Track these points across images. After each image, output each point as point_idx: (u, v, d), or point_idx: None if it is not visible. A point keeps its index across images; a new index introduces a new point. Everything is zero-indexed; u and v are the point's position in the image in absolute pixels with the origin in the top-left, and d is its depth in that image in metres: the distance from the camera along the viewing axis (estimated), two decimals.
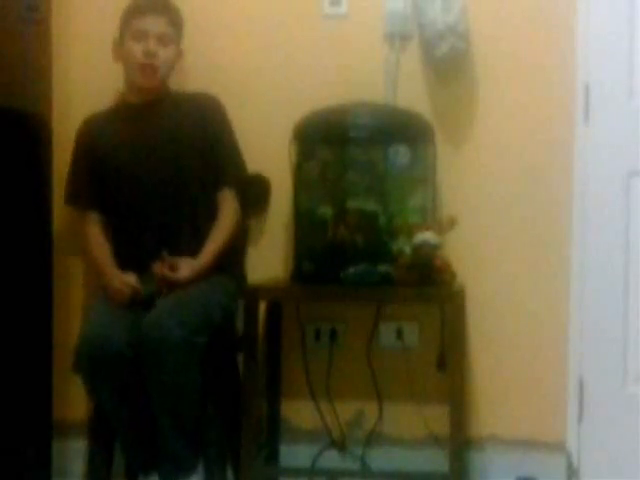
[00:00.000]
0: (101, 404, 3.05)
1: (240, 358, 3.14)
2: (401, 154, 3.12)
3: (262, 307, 3.19)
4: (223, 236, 3.18)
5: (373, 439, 3.39)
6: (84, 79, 3.43)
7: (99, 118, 3.28)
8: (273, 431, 3.37)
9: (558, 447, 3.32)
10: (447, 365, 3.24)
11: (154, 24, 3.17)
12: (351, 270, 3.02)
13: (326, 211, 3.13)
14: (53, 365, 3.20)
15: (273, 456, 3.36)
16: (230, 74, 3.39)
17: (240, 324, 3.10)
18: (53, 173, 3.26)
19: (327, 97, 3.25)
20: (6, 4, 2.99)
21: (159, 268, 3.06)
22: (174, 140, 3.19)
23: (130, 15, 3.20)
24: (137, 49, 3.16)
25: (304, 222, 3.19)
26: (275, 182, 3.34)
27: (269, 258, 3.39)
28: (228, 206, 3.23)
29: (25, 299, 3.08)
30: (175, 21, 3.22)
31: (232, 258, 3.23)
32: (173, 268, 3.07)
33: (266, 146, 3.30)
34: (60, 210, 3.30)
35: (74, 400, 3.32)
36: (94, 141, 3.24)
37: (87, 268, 3.43)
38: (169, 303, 2.98)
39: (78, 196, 3.26)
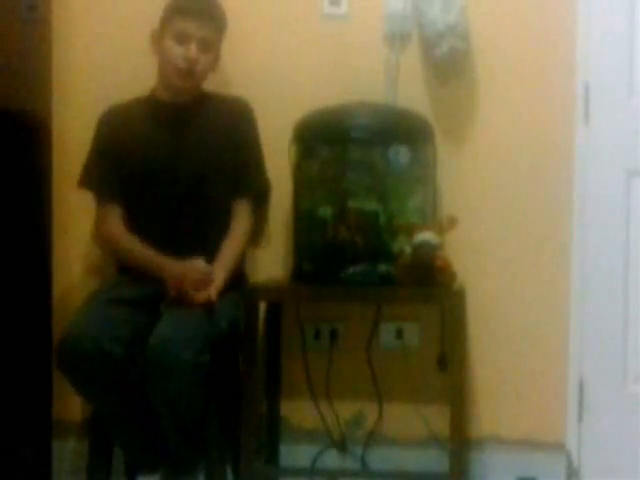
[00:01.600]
0: (89, 402, 3.06)
1: (240, 358, 3.13)
2: (401, 154, 3.12)
3: (262, 307, 3.19)
4: (234, 256, 3.12)
5: (373, 439, 3.39)
6: (84, 79, 3.43)
7: (125, 108, 3.22)
8: (273, 431, 3.37)
9: (558, 447, 3.32)
10: (447, 365, 3.24)
11: (198, 28, 3.07)
12: (351, 270, 3.02)
13: (326, 211, 3.13)
14: (53, 364, 3.20)
15: (273, 456, 3.36)
16: (230, 74, 3.39)
17: (240, 324, 3.10)
18: (53, 173, 3.26)
19: (327, 97, 3.24)
20: (6, 4, 2.99)
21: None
22: (200, 143, 3.15)
23: (174, 12, 3.10)
24: (178, 52, 3.08)
25: (304, 222, 3.19)
26: (275, 182, 3.34)
27: (269, 258, 3.39)
28: (244, 219, 3.19)
29: (25, 299, 3.08)
30: (220, 27, 3.16)
31: (237, 268, 3.20)
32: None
33: (266, 146, 3.29)
34: (60, 210, 3.30)
35: (74, 400, 3.31)
36: (117, 130, 3.17)
37: (87, 267, 3.44)
38: (175, 319, 2.93)
39: (94, 181, 3.18)
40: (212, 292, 2.99)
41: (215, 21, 3.14)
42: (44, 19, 3.18)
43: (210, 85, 3.30)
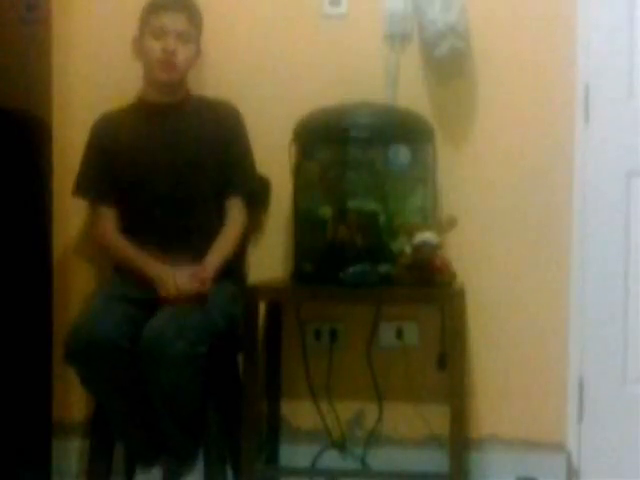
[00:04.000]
0: (95, 395, 3.07)
1: (240, 358, 3.13)
2: (401, 154, 3.12)
3: (262, 307, 3.19)
4: (228, 247, 3.16)
5: (373, 439, 3.39)
6: (84, 80, 3.43)
7: (116, 115, 3.26)
8: (273, 431, 3.37)
9: (558, 447, 3.32)
10: (447, 365, 3.24)
11: (173, 21, 3.15)
12: (351, 270, 3.02)
13: (326, 211, 3.13)
14: (53, 365, 3.20)
15: (273, 456, 3.36)
16: (230, 74, 3.39)
17: (240, 324, 3.10)
18: (53, 173, 3.26)
19: (327, 97, 3.24)
20: (6, 4, 2.99)
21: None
22: (190, 144, 3.18)
23: (149, 12, 3.18)
24: (156, 46, 3.14)
25: (304, 222, 3.19)
26: (275, 182, 3.34)
27: (269, 258, 3.39)
28: (236, 215, 3.21)
29: (25, 298, 3.08)
30: (194, 19, 3.21)
31: (234, 263, 3.22)
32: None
33: (266, 146, 3.29)
34: (60, 210, 3.30)
35: (74, 400, 3.32)
36: (109, 137, 3.22)
37: (87, 267, 3.44)
38: (170, 312, 2.96)
39: (89, 188, 3.23)
40: (207, 273, 3.04)
41: (189, 13, 3.19)
42: (44, 19, 3.18)
43: (208, 84, 3.30)
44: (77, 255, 3.45)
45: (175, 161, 3.17)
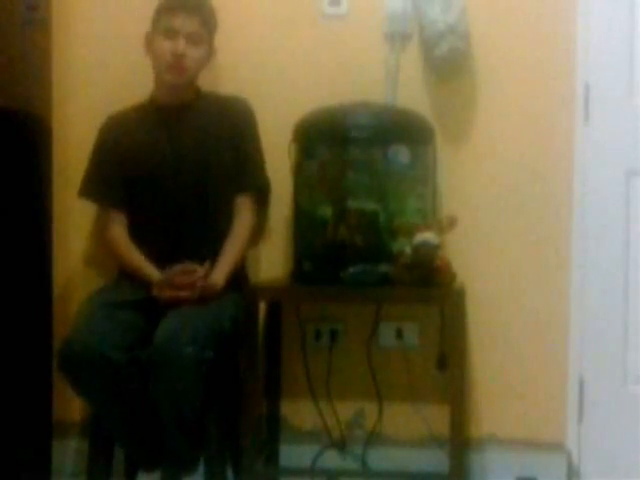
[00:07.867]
0: (90, 405, 3.07)
1: (240, 358, 3.13)
2: (401, 154, 3.12)
3: (262, 307, 3.19)
4: (237, 252, 3.15)
5: (373, 439, 3.39)
6: (84, 79, 3.43)
7: (124, 116, 3.24)
8: (273, 431, 3.37)
9: (558, 447, 3.32)
10: (447, 365, 3.24)
11: (185, 23, 3.11)
12: (351, 270, 3.02)
13: (326, 211, 3.13)
14: (53, 365, 3.20)
15: (273, 456, 3.36)
16: (230, 74, 3.39)
17: (242, 324, 3.09)
18: (53, 173, 3.26)
19: (327, 97, 3.24)
20: (6, 4, 2.99)
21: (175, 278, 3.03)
22: (200, 144, 3.16)
23: (162, 11, 3.15)
24: (166, 47, 3.11)
25: (304, 222, 3.19)
26: (275, 182, 3.34)
27: (269, 258, 3.39)
28: (245, 215, 3.21)
29: (25, 299, 3.08)
30: (208, 20, 3.17)
31: (240, 269, 3.22)
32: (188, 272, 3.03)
33: (266, 146, 3.29)
34: (60, 210, 3.30)
35: (74, 400, 3.31)
36: (118, 138, 3.20)
37: (88, 267, 3.45)
38: (181, 316, 2.95)
39: (99, 192, 3.21)
40: (217, 279, 3.05)
41: (202, 15, 3.16)
42: (44, 19, 3.18)
43: (209, 85, 3.30)
44: (78, 255, 3.45)
45: (184, 162, 3.15)
